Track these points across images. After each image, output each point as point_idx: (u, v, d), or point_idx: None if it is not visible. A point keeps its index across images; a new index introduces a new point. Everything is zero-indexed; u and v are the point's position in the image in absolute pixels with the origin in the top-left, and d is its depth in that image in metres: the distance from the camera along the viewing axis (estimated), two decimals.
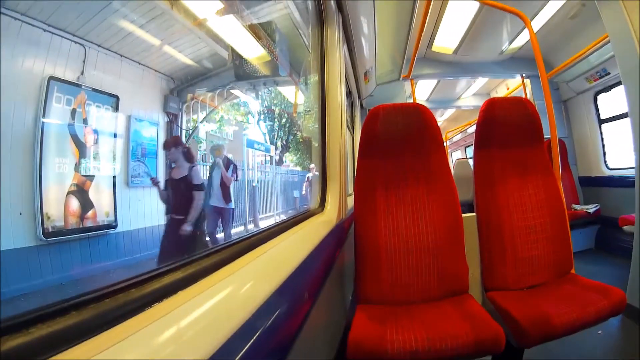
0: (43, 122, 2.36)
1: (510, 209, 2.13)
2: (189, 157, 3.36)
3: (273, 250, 0.98)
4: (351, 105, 4.77)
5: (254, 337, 0.58)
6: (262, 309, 0.64)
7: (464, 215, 2.08)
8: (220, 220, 4.29)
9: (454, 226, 2.02)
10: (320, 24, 2.24)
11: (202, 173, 4.03)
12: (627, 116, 2.87)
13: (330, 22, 2.25)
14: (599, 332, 2.57)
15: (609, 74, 4.67)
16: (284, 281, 0.79)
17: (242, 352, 0.53)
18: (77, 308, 0.44)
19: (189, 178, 3.24)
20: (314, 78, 2.35)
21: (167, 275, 0.63)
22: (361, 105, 5.52)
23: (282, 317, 0.72)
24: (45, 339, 0.38)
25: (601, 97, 5.12)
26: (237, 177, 4.73)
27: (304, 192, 8.21)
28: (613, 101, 4.90)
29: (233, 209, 4.51)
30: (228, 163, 4.39)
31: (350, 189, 3.63)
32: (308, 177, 8.28)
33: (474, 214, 2.22)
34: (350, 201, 2.56)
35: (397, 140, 2.10)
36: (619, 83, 4.43)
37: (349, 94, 4.26)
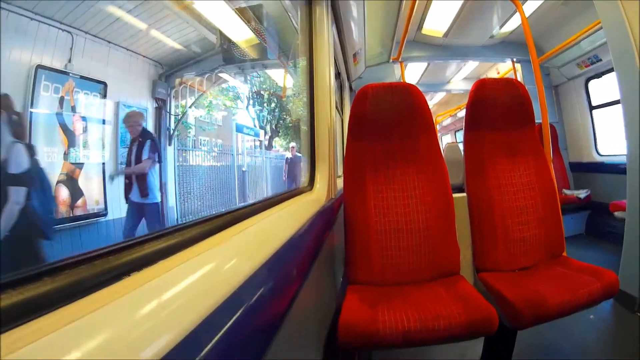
0: (31, 112, 2.34)
1: (501, 190, 2.12)
2: None
3: (259, 225, 0.97)
4: (340, 88, 4.75)
5: (239, 312, 0.57)
6: (248, 284, 0.64)
7: (454, 195, 2.07)
8: (136, 220, 3.26)
9: (445, 207, 2.01)
10: (309, 2, 2.22)
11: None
12: (619, 103, 2.87)
13: (318, 1, 2.22)
14: (591, 316, 2.59)
15: (600, 60, 4.65)
16: (271, 256, 0.79)
17: (225, 327, 0.52)
18: (50, 274, 0.43)
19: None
20: (302, 61, 2.32)
21: (147, 244, 0.62)
22: (350, 88, 5.49)
23: (269, 294, 0.72)
24: (16, 306, 0.36)
25: (592, 84, 5.11)
26: (159, 157, 3.52)
27: (284, 178, 7.93)
28: (604, 87, 4.91)
29: (157, 203, 3.40)
30: (144, 138, 3.27)
31: (340, 171, 3.63)
32: (287, 159, 8.02)
33: (464, 194, 2.22)
34: (340, 183, 2.56)
35: (386, 120, 2.08)
36: (610, 70, 4.43)
37: (337, 75, 4.23)
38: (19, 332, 0.34)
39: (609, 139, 5.00)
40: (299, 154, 7.70)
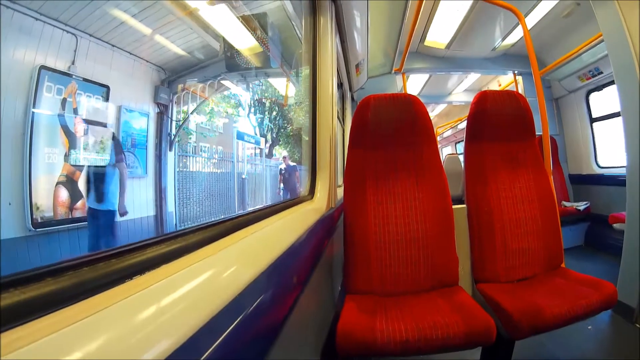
0: (33, 112, 2.34)
1: (501, 202, 2.12)
2: None
3: (260, 233, 0.97)
4: (342, 98, 4.76)
5: (238, 319, 0.57)
6: (248, 291, 0.64)
7: (454, 206, 2.08)
8: (94, 229, 2.92)
9: (445, 217, 2.01)
10: (313, 12, 2.24)
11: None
12: (619, 115, 2.88)
13: (323, 12, 2.24)
14: (589, 327, 2.58)
15: (601, 73, 4.67)
16: (271, 264, 0.79)
17: (225, 333, 0.52)
18: (53, 275, 0.43)
19: None
20: (305, 70, 2.34)
21: (149, 248, 0.62)
22: (352, 98, 5.51)
23: (268, 301, 0.72)
24: (17, 305, 0.36)
25: (593, 96, 5.12)
26: (124, 159, 3.19)
27: (278, 192, 7.66)
28: (605, 100, 4.91)
29: (111, 211, 3.04)
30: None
31: (340, 181, 3.63)
32: (281, 169, 7.80)
33: (464, 205, 2.22)
34: (340, 192, 2.56)
35: (387, 130, 2.09)
36: (611, 82, 4.44)
37: (340, 85, 4.24)
38: (19, 331, 0.34)
39: (609, 151, 5.00)
40: (292, 163, 7.61)
